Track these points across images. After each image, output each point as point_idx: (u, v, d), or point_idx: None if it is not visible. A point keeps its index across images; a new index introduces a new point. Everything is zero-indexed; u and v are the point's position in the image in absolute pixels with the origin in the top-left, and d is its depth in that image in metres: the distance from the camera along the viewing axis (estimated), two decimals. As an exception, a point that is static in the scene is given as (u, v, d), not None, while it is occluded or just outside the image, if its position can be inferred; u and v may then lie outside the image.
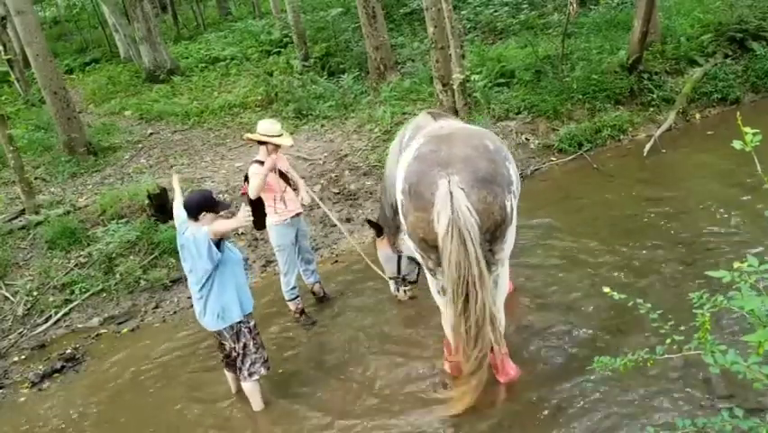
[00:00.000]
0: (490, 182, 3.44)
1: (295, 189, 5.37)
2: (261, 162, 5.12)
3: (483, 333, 3.47)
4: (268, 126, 5.12)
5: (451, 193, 3.34)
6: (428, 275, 3.91)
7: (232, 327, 4.20)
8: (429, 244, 3.56)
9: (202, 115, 12.11)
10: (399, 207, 3.79)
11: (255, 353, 4.29)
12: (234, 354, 4.31)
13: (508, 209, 3.52)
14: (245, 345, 4.26)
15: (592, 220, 6.50)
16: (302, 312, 5.63)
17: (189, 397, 4.85)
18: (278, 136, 5.12)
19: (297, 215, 5.41)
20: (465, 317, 3.43)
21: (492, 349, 3.73)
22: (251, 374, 4.30)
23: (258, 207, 5.15)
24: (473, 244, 3.32)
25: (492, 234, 3.50)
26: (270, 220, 5.30)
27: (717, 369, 2.11)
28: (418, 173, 3.55)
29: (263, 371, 4.35)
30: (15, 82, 15.29)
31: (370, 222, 5.38)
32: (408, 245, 4.09)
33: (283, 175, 5.31)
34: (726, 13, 10.64)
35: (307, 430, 4.17)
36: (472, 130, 4.09)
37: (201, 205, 4.03)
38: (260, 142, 5.15)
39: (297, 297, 5.59)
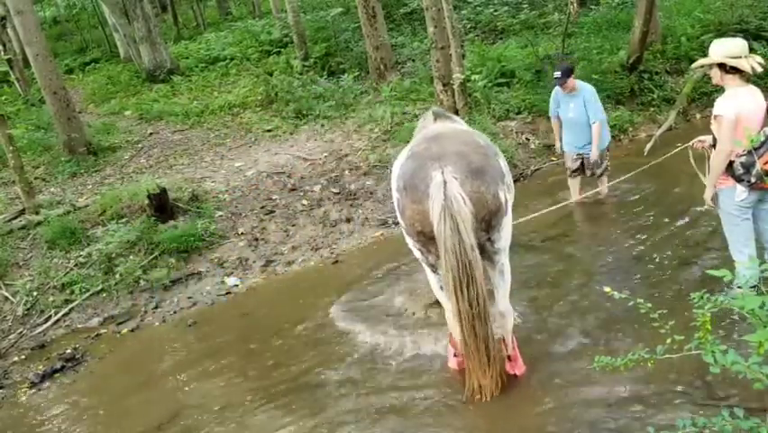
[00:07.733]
0: (483, 173, 3.56)
1: None
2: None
3: (484, 318, 3.54)
4: (730, 46, 3.78)
5: (445, 182, 3.43)
6: (429, 273, 3.93)
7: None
8: (428, 237, 3.61)
9: (202, 115, 12.11)
10: (396, 206, 3.85)
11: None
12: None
13: (502, 199, 3.62)
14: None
15: (592, 220, 6.51)
16: None
17: (189, 396, 4.84)
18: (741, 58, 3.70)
19: None
20: (469, 303, 3.48)
21: (504, 341, 3.90)
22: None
23: None
24: (466, 230, 3.40)
25: (488, 224, 3.59)
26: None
27: (718, 369, 2.11)
28: (413, 169, 3.65)
29: None
30: (15, 82, 15.25)
31: None
32: (408, 243, 4.10)
33: None
34: (726, 13, 10.65)
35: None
36: (463, 129, 4.30)
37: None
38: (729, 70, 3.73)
39: None
